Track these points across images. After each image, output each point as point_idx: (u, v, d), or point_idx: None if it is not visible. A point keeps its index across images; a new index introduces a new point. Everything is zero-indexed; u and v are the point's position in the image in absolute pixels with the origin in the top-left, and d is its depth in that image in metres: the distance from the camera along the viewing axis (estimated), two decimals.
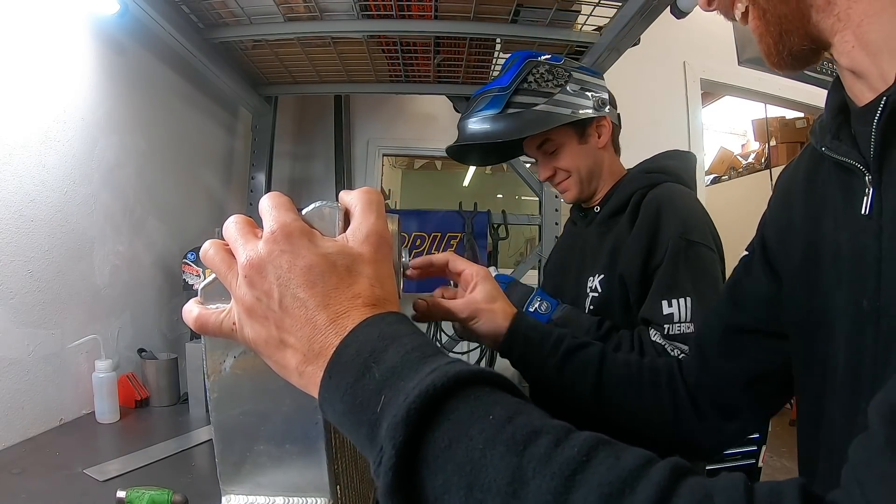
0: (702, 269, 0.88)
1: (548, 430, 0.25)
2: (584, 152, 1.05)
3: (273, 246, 0.33)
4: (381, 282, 0.35)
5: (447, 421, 0.26)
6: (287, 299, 0.33)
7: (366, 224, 0.36)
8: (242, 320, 0.35)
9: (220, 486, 0.42)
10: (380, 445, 0.27)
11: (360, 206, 0.37)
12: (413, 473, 0.26)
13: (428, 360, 0.29)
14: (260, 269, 0.33)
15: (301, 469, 0.41)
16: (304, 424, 0.40)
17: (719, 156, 4.86)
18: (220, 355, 0.40)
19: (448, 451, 0.26)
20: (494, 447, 0.25)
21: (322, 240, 0.35)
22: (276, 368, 0.35)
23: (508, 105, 0.98)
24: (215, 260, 0.36)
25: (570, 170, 1.05)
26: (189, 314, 0.38)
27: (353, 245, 0.35)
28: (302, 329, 0.33)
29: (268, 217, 0.35)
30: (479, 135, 1.00)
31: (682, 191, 0.97)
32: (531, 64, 1.01)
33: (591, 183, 1.07)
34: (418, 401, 0.26)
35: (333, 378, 0.31)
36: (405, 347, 0.30)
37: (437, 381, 0.27)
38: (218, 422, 0.41)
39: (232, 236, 0.36)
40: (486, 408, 0.27)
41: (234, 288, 0.35)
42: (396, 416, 0.27)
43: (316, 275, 0.33)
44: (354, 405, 0.30)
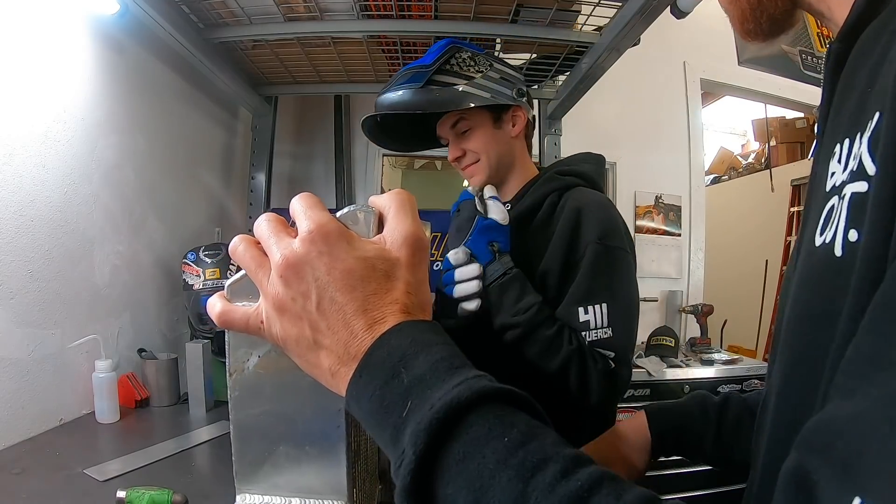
0: (619, 272, 0.91)
1: (557, 460, 0.26)
2: (497, 138, 1.05)
3: (311, 246, 0.33)
4: (416, 288, 0.35)
5: (465, 435, 0.27)
6: (325, 302, 0.33)
7: (402, 227, 0.35)
8: (272, 318, 0.34)
9: (235, 485, 0.42)
10: (402, 448, 0.28)
11: (394, 208, 0.36)
12: (428, 479, 0.28)
13: (455, 371, 0.30)
14: (297, 269, 0.33)
15: (319, 471, 0.41)
16: (326, 427, 0.40)
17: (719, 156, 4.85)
18: (243, 353, 0.40)
19: (461, 465, 0.27)
20: (504, 470, 0.26)
21: (360, 242, 0.34)
22: (306, 367, 0.35)
23: (430, 82, 0.99)
24: (245, 257, 0.36)
25: (479, 152, 1.04)
26: (213, 308, 0.37)
27: (391, 249, 0.35)
28: (338, 333, 0.32)
29: (303, 217, 0.34)
30: (399, 105, 0.99)
31: (600, 196, 1.00)
32: (454, 49, 1.02)
33: (500, 171, 1.06)
34: (442, 412, 0.27)
35: (363, 378, 0.31)
36: (435, 357, 0.31)
37: (461, 395, 0.28)
38: (237, 420, 0.40)
39: (264, 234, 0.35)
40: (504, 428, 0.27)
41: (264, 286, 0.35)
42: (420, 423, 0.28)
43: (355, 279, 0.33)
44: (381, 407, 0.30)
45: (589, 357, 0.86)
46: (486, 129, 1.04)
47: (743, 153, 4.90)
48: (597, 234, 0.91)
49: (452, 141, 1.07)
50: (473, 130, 1.04)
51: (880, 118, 0.27)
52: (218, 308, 0.37)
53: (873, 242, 0.25)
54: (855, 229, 0.28)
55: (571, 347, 0.86)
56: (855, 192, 0.28)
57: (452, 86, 0.99)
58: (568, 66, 1.76)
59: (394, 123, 1.10)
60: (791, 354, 0.34)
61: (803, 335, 0.33)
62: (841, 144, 0.31)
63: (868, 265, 0.26)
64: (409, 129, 1.13)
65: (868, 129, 0.28)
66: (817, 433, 0.22)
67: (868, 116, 0.28)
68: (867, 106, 0.29)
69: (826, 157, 0.34)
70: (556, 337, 0.86)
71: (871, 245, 0.25)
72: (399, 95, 0.99)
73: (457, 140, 1.06)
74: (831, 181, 0.32)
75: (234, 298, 0.37)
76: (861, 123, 0.29)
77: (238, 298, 0.37)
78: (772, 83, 2.89)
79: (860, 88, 0.30)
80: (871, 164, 0.27)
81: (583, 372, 0.86)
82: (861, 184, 0.28)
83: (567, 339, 0.86)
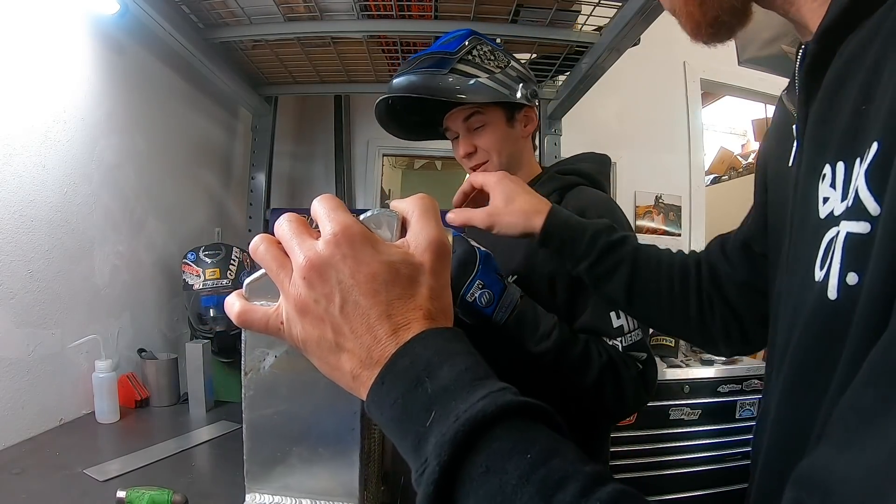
0: None
1: (578, 478, 0.26)
2: (509, 137, 1.03)
3: (335, 249, 0.33)
4: (439, 294, 0.35)
5: (489, 448, 0.28)
6: (349, 306, 0.33)
7: (426, 232, 0.35)
8: (293, 319, 0.34)
9: (245, 484, 0.42)
10: (424, 458, 0.29)
11: (417, 213, 0.36)
12: (450, 490, 0.28)
13: (480, 383, 0.30)
14: (321, 271, 0.33)
15: (332, 473, 0.41)
16: (340, 430, 0.40)
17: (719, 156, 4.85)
18: (260, 353, 0.39)
19: (483, 478, 0.27)
20: (525, 486, 0.26)
21: (385, 246, 0.34)
22: (326, 369, 0.35)
23: (453, 70, 0.97)
24: (266, 257, 0.35)
25: (491, 150, 1.01)
26: (231, 307, 0.37)
27: (415, 254, 0.35)
28: (361, 337, 0.32)
29: (326, 219, 0.34)
30: (421, 88, 0.96)
31: (602, 196, 0.98)
32: (476, 40, 1.01)
33: (514, 171, 1.02)
34: (467, 425, 0.28)
35: (386, 384, 0.32)
36: (459, 367, 0.31)
37: (486, 409, 0.28)
38: (250, 419, 0.40)
39: (286, 235, 0.35)
40: (526, 444, 0.28)
41: (286, 287, 0.34)
42: (445, 434, 0.28)
43: (380, 283, 0.33)
44: (404, 414, 0.31)
45: (621, 366, 0.84)
46: (499, 126, 1.02)
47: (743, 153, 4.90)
48: None
49: (464, 135, 1.03)
50: (487, 127, 1.01)
51: (880, 148, 0.26)
52: (237, 307, 0.36)
53: (879, 290, 0.25)
54: (855, 273, 0.27)
55: (602, 361, 0.82)
56: (852, 232, 0.28)
57: (475, 77, 0.97)
58: (568, 66, 1.76)
59: (402, 107, 1.06)
60: (789, 381, 0.35)
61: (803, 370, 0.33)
62: (833, 167, 0.31)
63: (871, 312, 0.25)
64: (417, 115, 1.09)
65: (867, 157, 0.27)
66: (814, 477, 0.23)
67: (866, 142, 0.27)
68: (863, 127, 0.28)
69: (813, 173, 0.33)
70: (584, 353, 0.83)
71: (877, 292, 0.25)
72: (422, 79, 0.96)
73: (468, 135, 1.03)
74: (826, 208, 0.31)
75: (252, 297, 0.37)
76: (857, 148, 0.28)
77: (256, 297, 0.37)
78: (772, 83, 2.89)
79: (853, 103, 0.30)
80: (874, 203, 0.26)
81: (617, 383, 0.83)
82: (862, 224, 0.27)
83: (597, 354, 0.83)
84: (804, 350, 0.33)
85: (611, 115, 2.67)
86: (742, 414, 2.13)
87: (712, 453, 2.05)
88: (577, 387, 0.83)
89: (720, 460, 2.05)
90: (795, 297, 0.35)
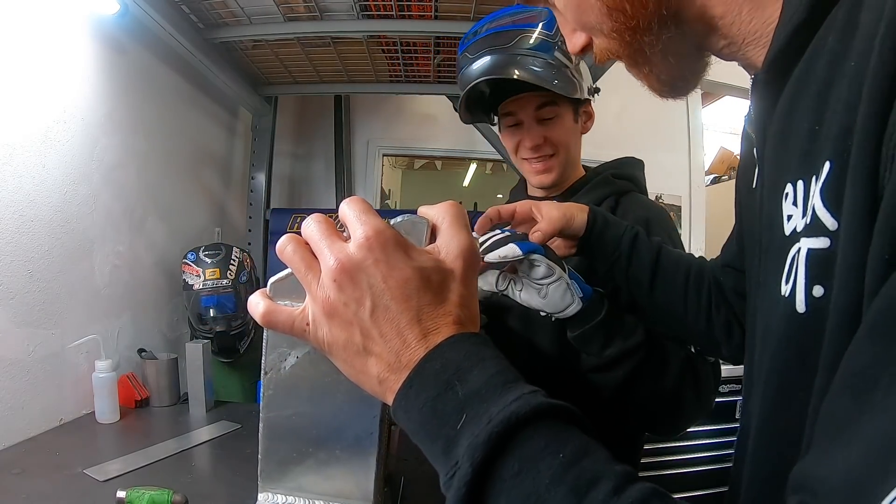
0: None
1: (610, 477, 0.27)
2: (573, 132, 0.97)
3: (368, 253, 0.33)
4: (468, 301, 0.35)
5: (520, 449, 0.28)
6: (379, 310, 0.33)
7: (457, 239, 0.35)
8: (320, 321, 0.34)
9: (258, 482, 0.42)
10: (455, 460, 0.29)
11: (448, 220, 0.36)
12: (481, 492, 0.28)
13: (511, 386, 0.31)
14: (352, 274, 0.33)
15: (347, 476, 0.41)
16: (359, 433, 0.40)
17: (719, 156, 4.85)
18: (281, 353, 0.39)
19: (516, 479, 0.28)
20: (559, 486, 0.27)
21: (417, 252, 0.34)
22: (351, 373, 0.35)
23: (545, 38, 0.89)
24: (295, 258, 0.35)
25: (559, 145, 0.94)
26: (256, 307, 0.36)
27: (446, 260, 0.35)
28: (391, 342, 0.33)
29: (357, 222, 0.34)
30: (530, 76, 0.87)
31: (658, 205, 0.96)
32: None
33: (567, 169, 0.98)
34: (501, 426, 0.28)
35: (414, 388, 0.32)
36: (489, 371, 0.31)
37: (519, 410, 0.28)
38: (268, 419, 0.40)
39: (315, 236, 0.35)
40: (558, 445, 0.28)
41: (313, 289, 0.34)
42: (479, 437, 0.28)
43: (411, 289, 0.33)
44: (434, 418, 0.31)
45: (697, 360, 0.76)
46: (568, 120, 0.95)
47: None
48: None
49: (531, 125, 0.94)
50: (557, 119, 0.94)
51: (832, 168, 0.27)
52: (262, 307, 0.36)
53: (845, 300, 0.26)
54: (820, 285, 0.29)
55: (681, 356, 0.75)
56: (813, 248, 0.29)
57: (565, 67, 0.90)
58: None
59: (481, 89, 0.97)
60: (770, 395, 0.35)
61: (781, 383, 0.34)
62: (794, 185, 0.32)
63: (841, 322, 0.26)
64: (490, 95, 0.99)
65: (821, 176, 0.28)
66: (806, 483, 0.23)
67: (819, 161, 0.28)
68: (817, 148, 0.29)
69: (776, 192, 0.34)
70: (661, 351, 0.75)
71: (844, 305, 0.26)
72: (530, 66, 0.88)
73: (537, 126, 0.94)
74: (790, 225, 0.32)
75: (276, 297, 0.37)
76: (812, 167, 0.29)
77: (280, 297, 0.37)
78: None
79: (807, 124, 0.31)
80: (831, 219, 0.27)
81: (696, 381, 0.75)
82: (822, 240, 0.28)
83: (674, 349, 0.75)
84: (781, 362, 0.33)
85: (610, 115, 2.67)
86: None
87: (712, 453, 2.06)
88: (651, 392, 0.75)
89: (720, 460, 2.05)
90: (766, 313, 0.36)
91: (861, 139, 0.25)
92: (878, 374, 0.21)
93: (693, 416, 0.78)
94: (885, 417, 0.20)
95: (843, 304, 0.26)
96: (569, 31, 0.46)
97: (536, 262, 0.66)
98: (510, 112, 0.95)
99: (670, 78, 0.44)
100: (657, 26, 0.39)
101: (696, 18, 0.39)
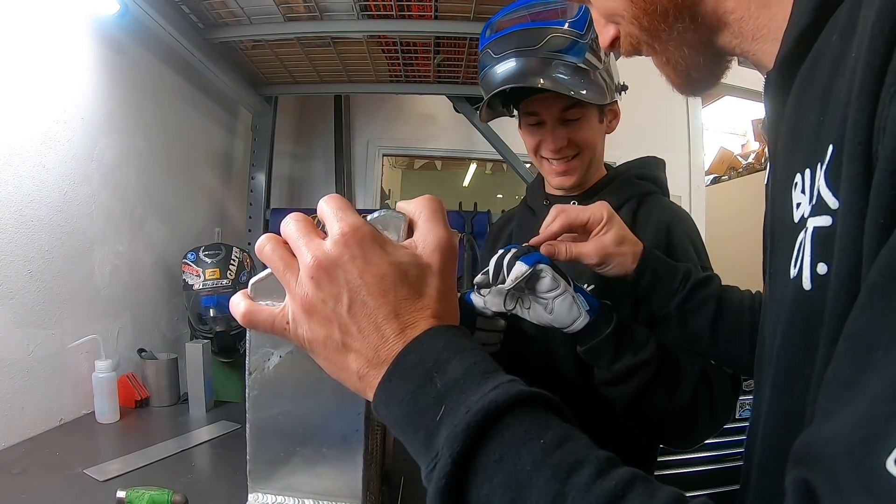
0: None
1: (592, 461, 0.27)
2: (598, 133, 0.93)
3: (344, 249, 0.33)
4: (446, 295, 0.35)
5: (501, 437, 0.28)
6: (356, 306, 0.33)
7: (434, 233, 0.36)
8: (299, 319, 0.34)
9: (248, 483, 0.42)
10: (435, 452, 0.29)
11: (425, 214, 0.36)
12: (463, 482, 0.28)
13: (489, 376, 0.31)
14: (329, 271, 0.33)
15: (335, 474, 0.41)
16: (345, 430, 0.40)
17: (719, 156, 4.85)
18: (265, 353, 0.39)
19: (497, 465, 0.27)
20: (541, 470, 0.27)
21: (393, 247, 0.34)
22: (332, 370, 0.35)
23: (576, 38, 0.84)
24: (273, 257, 0.35)
25: (584, 146, 0.90)
26: (237, 307, 0.36)
27: (423, 255, 0.35)
28: (369, 337, 0.33)
29: (334, 218, 0.34)
30: (558, 86, 0.83)
31: (680, 209, 0.92)
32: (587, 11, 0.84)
33: (590, 170, 0.94)
34: (479, 415, 0.28)
35: (394, 381, 0.32)
36: (468, 361, 0.31)
37: (498, 398, 0.28)
38: (254, 420, 0.40)
39: (293, 234, 0.35)
40: (539, 430, 0.28)
41: (292, 287, 0.34)
42: (457, 426, 0.28)
43: (388, 284, 0.33)
44: (413, 411, 0.31)
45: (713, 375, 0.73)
46: (593, 120, 0.91)
47: (743, 153, 4.90)
48: (692, 256, 0.83)
49: (554, 126, 0.90)
50: (583, 121, 0.90)
51: (834, 151, 0.28)
52: (243, 307, 0.36)
53: (846, 275, 0.26)
54: (824, 262, 0.29)
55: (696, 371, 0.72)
56: (818, 226, 0.29)
57: (595, 70, 0.86)
58: None
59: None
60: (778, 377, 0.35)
61: (787, 363, 0.34)
62: (802, 175, 0.32)
63: (841, 297, 0.27)
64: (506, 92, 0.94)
65: (825, 160, 0.29)
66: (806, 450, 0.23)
67: (823, 148, 0.29)
68: (821, 136, 0.30)
69: (785, 186, 0.35)
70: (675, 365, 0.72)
71: (843, 277, 0.26)
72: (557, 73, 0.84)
73: (561, 127, 0.90)
74: (798, 212, 0.32)
75: (257, 297, 0.37)
76: (818, 154, 0.30)
77: (262, 297, 0.37)
78: None
79: (814, 117, 0.31)
80: (832, 198, 0.28)
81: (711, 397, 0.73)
82: (824, 218, 0.29)
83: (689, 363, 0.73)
84: (789, 343, 0.33)
85: None
86: (742, 414, 2.12)
87: (712, 453, 2.06)
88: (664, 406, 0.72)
89: (720, 460, 2.05)
90: (777, 300, 0.36)
91: (855, 116, 0.25)
92: (878, 334, 0.21)
93: (708, 431, 0.76)
94: (886, 373, 0.20)
95: (843, 276, 0.26)
96: (601, 25, 0.48)
97: (542, 273, 0.65)
98: (533, 112, 0.91)
99: (686, 69, 0.44)
100: (673, 15, 0.40)
101: (709, 12, 0.40)
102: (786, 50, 0.34)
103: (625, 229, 0.71)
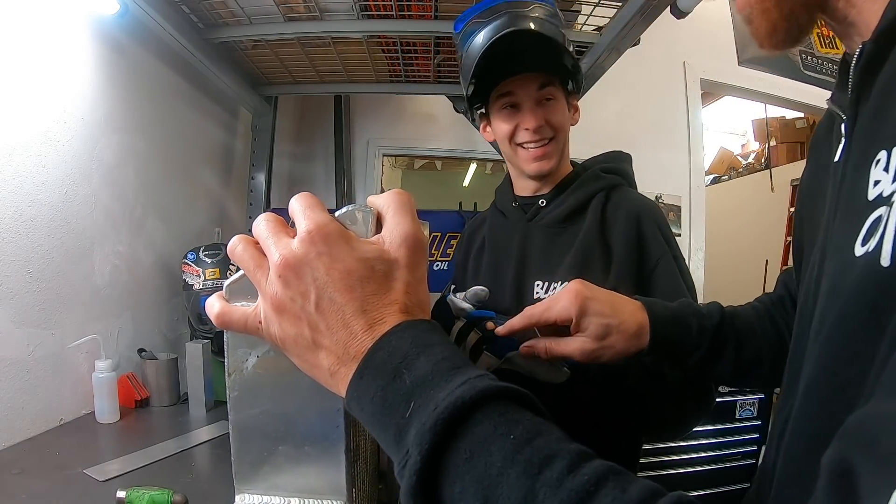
0: (689, 280, 0.87)
1: (563, 456, 0.27)
2: (568, 120, 0.94)
3: (310, 247, 0.33)
4: (415, 288, 0.35)
5: (470, 434, 0.28)
6: (324, 302, 0.33)
7: (401, 227, 0.36)
8: (270, 318, 0.35)
9: (234, 485, 0.42)
10: (406, 449, 0.29)
11: (392, 208, 0.36)
12: (434, 479, 0.28)
13: (457, 371, 0.30)
14: (296, 269, 0.33)
15: (319, 471, 0.41)
16: (325, 427, 0.40)
17: (719, 156, 4.86)
18: (242, 353, 0.40)
19: (468, 463, 0.27)
20: (512, 467, 0.26)
21: (360, 243, 0.34)
22: (305, 367, 0.35)
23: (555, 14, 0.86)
24: (244, 257, 0.36)
25: (558, 128, 0.91)
26: (212, 309, 0.37)
27: (390, 249, 0.35)
28: (338, 333, 0.33)
29: (302, 217, 0.34)
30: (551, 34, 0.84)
31: (648, 199, 0.94)
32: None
33: (562, 160, 0.95)
34: (447, 412, 0.28)
35: (364, 379, 0.32)
36: (436, 357, 0.31)
37: (465, 395, 0.28)
38: (236, 420, 0.41)
39: (263, 234, 0.35)
40: (509, 426, 0.28)
41: (263, 286, 0.35)
42: (425, 423, 0.28)
43: (355, 280, 0.33)
44: (384, 408, 0.31)
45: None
46: (564, 105, 0.93)
47: (743, 153, 4.90)
48: (663, 245, 0.86)
49: (531, 106, 0.90)
50: (556, 102, 0.91)
51: None
52: (216, 308, 0.37)
53: None
54: None
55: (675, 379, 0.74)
56: None
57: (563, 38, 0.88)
58: None
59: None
60: (829, 351, 0.34)
61: (842, 341, 0.33)
62: (888, 152, 0.31)
63: None
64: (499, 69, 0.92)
65: None
66: (862, 428, 0.22)
67: None
68: None
69: (863, 163, 0.33)
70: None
71: None
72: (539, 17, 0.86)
73: (537, 107, 0.90)
74: (876, 190, 0.31)
75: (232, 298, 0.37)
76: None
77: (237, 298, 0.37)
78: (772, 83, 2.89)
79: None
80: None
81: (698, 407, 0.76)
82: None
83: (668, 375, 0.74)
84: (851, 317, 0.32)
85: (611, 115, 2.67)
86: (742, 414, 2.13)
87: (712, 453, 2.06)
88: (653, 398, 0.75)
89: (720, 460, 2.05)
90: (833, 274, 0.35)
91: None
92: None
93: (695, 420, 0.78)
94: None
95: None
96: None
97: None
98: (508, 92, 0.90)
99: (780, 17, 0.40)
100: None
101: None
102: (889, 19, 0.33)
103: (610, 315, 0.61)
